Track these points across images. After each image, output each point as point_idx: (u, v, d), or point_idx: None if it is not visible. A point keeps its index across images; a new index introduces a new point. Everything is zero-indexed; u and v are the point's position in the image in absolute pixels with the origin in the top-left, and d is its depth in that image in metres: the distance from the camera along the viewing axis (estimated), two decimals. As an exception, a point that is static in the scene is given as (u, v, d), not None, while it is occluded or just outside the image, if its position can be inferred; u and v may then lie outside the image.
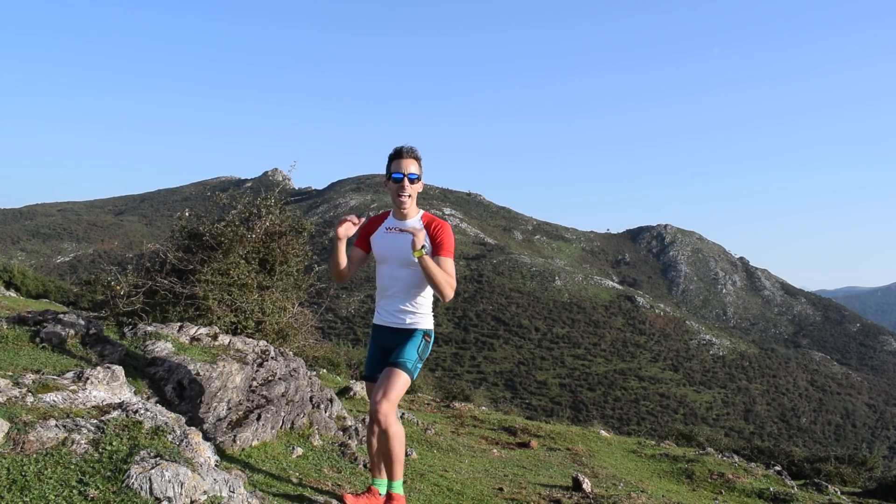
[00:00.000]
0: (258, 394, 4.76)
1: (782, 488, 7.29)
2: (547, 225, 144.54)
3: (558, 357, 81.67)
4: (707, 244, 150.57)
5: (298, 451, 4.58)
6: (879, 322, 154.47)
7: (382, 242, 3.54)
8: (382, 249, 3.54)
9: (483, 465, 6.31)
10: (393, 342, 3.51)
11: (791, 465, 12.72)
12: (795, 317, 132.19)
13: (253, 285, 8.15)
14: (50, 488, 2.25)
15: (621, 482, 6.43)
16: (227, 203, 8.94)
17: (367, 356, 3.67)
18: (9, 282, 18.46)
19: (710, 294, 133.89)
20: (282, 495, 3.67)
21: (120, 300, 7.71)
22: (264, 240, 8.48)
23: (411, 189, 3.50)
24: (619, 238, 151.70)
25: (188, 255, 7.99)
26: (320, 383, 6.12)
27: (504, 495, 5.02)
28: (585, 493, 5.47)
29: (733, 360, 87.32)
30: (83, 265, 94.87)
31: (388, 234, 3.53)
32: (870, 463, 13.35)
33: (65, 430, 2.56)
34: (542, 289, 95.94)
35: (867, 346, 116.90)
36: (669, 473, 7.71)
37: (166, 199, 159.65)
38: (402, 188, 3.46)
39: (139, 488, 2.38)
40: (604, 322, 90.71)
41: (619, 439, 10.59)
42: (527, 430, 9.03)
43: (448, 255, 3.45)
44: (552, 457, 7.61)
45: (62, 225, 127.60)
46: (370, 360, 3.65)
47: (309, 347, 9.83)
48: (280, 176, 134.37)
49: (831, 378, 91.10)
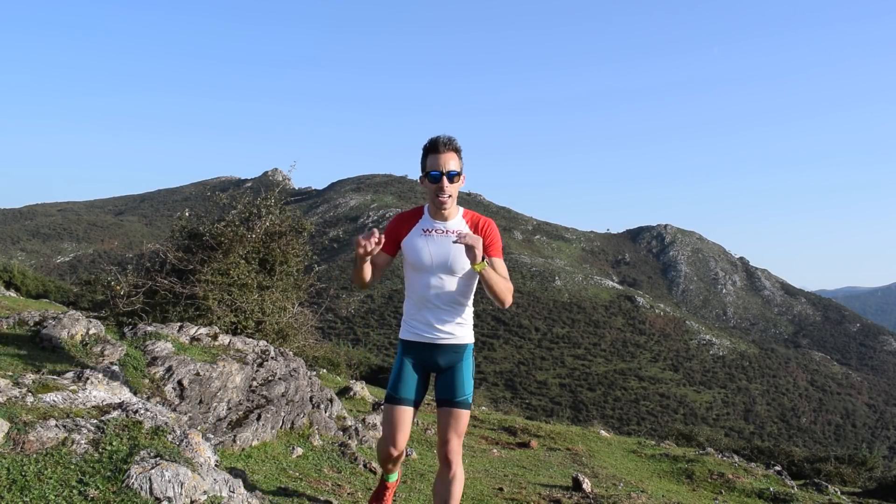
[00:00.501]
0: (258, 394, 4.76)
1: (782, 488, 7.29)
2: (547, 225, 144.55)
3: (558, 357, 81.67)
4: (707, 244, 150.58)
5: (298, 451, 4.58)
6: (879, 322, 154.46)
7: (421, 247, 3.07)
8: (421, 255, 3.06)
9: (483, 465, 6.32)
10: (442, 362, 3.09)
11: (791, 465, 12.72)
12: (795, 317, 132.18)
13: (253, 285, 8.16)
14: (50, 488, 2.25)
15: (621, 482, 6.43)
16: (227, 203, 8.96)
17: (399, 374, 3.11)
18: (9, 282, 18.47)
19: (710, 294, 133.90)
20: (282, 495, 3.67)
21: (120, 300, 7.72)
22: (264, 240, 8.49)
23: (451, 189, 3.04)
24: (619, 238, 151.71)
25: (188, 255, 8.00)
26: (320, 383, 6.13)
27: (504, 495, 5.02)
28: (585, 493, 5.47)
29: (733, 360, 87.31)
30: (83, 265, 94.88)
31: (426, 236, 3.08)
32: (870, 463, 13.36)
33: (65, 430, 2.56)
34: (542, 289, 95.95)
35: (867, 346, 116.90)
36: (669, 473, 7.71)
37: (166, 199, 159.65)
38: (442, 189, 3.01)
39: (139, 488, 2.38)
40: (604, 322, 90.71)
41: (619, 439, 10.59)
42: (527, 430, 9.03)
43: (500, 256, 3.09)
44: (552, 457, 7.61)
45: (62, 225, 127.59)
46: (404, 380, 3.09)
47: (309, 347, 9.83)
48: (280, 176, 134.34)
49: (831, 378, 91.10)
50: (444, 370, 3.09)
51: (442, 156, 2.99)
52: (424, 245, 3.06)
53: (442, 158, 2.99)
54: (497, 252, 3.07)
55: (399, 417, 3.06)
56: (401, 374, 3.11)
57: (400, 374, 3.11)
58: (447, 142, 3.02)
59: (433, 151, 3.01)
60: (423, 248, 3.05)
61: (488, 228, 3.11)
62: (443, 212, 3.07)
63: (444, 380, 3.08)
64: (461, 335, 3.10)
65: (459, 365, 3.09)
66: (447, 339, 3.07)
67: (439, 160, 2.99)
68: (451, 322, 3.07)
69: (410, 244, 3.10)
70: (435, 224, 3.10)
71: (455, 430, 3.01)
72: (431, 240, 3.06)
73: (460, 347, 3.10)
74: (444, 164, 2.98)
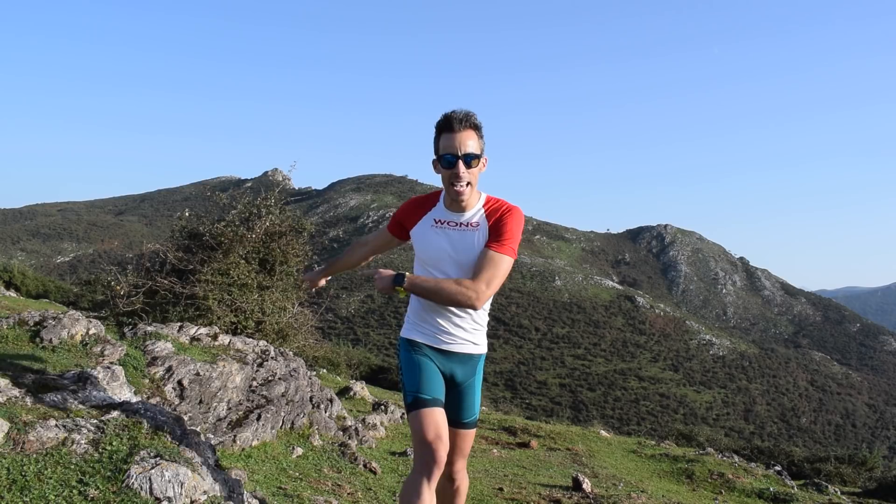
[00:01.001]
0: (258, 394, 4.76)
1: (782, 488, 7.29)
2: (547, 225, 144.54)
3: (558, 357, 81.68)
4: (707, 244, 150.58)
5: (298, 451, 4.58)
6: (879, 322, 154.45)
7: (432, 241, 2.63)
8: (432, 251, 2.63)
9: (483, 465, 6.31)
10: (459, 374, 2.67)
11: (791, 465, 12.73)
12: (795, 317, 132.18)
13: (253, 285, 8.16)
14: (50, 488, 2.25)
15: (621, 482, 6.43)
16: (227, 203, 8.96)
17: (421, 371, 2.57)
18: (9, 282, 18.48)
19: (710, 294, 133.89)
20: (282, 495, 3.67)
21: (120, 300, 7.72)
22: (264, 240, 8.49)
23: (469, 175, 2.53)
24: (619, 238, 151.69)
25: (188, 255, 8.00)
26: (320, 383, 6.13)
27: (504, 495, 5.02)
28: (585, 493, 5.47)
29: (733, 360, 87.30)
30: (83, 265, 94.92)
31: (439, 229, 2.63)
32: (870, 463, 13.36)
33: (65, 430, 2.56)
34: (542, 289, 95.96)
35: (867, 346, 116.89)
36: (669, 473, 7.71)
37: (166, 199, 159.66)
38: (457, 176, 2.51)
39: (139, 488, 2.38)
40: (604, 322, 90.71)
41: (619, 439, 10.59)
42: (527, 430, 9.03)
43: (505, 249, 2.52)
44: (552, 457, 7.61)
45: (62, 225, 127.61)
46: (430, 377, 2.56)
47: (309, 347, 9.84)
48: (280, 176, 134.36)
49: (831, 378, 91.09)
50: (456, 384, 2.67)
51: (458, 135, 2.51)
52: (436, 239, 2.62)
53: (458, 138, 2.50)
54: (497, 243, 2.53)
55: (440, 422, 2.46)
56: (423, 370, 2.56)
57: (422, 371, 2.56)
58: (463, 118, 2.53)
59: (447, 130, 2.53)
60: (434, 243, 2.63)
61: (501, 216, 2.60)
62: (460, 203, 2.60)
63: (453, 396, 2.66)
64: (478, 342, 2.70)
65: (472, 381, 2.70)
66: (463, 348, 2.65)
67: (454, 140, 2.50)
68: (466, 328, 2.65)
69: (421, 236, 2.67)
70: (450, 215, 2.64)
71: (461, 452, 2.71)
72: (445, 234, 2.62)
73: (477, 358, 2.71)
74: (460, 145, 2.50)
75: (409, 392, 2.53)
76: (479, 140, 2.56)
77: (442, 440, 2.41)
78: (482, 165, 2.59)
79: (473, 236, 2.59)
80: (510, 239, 2.55)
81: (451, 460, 2.65)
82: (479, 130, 2.57)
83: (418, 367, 2.57)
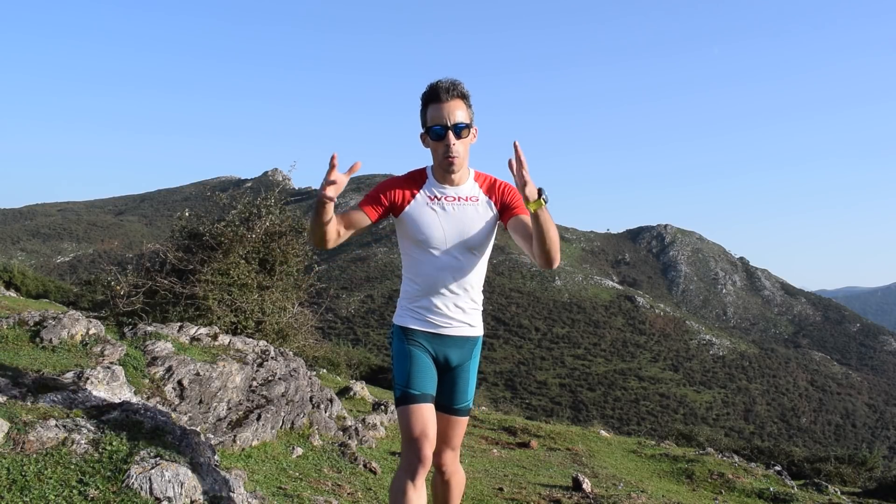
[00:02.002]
0: (258, 394, 4.76)
1: (782, 488, 7.29)
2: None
3: (558, 357, 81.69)
4: (707, 244, 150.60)
5: (298, 451, 4.58)
6: (879, 322, 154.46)
7: (430, 219, 2.48)
8: (432, 230, 2.48)
9: (483, 465, 6.32)
10: (454, 358, 2.57)
11: (791, 465, 12.73)
12: (795, 317, 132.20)
13: (253, 285, 8.17)
14: (50, 488, 2.25)
15: (621, 482, 6.43)
16: (227, 203, 8.97)
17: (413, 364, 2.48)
18: (9, 282, 18.49)
19: (710, 294, 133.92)
20: (282, 495, 3.67)
21: (120, 300, 7.73)
22: (264, 240, 8.50)
23: (460, 146, 2.44)
24: (619, 238, 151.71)
25: (188, 255, 8.01)
26: (320, 383, 6.13)
27: (504, 495, 5.02)
28: (585, 493, 5.47)
29: (733, 360, 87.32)
30: (83, 265, 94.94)
31: (436, 205, 2.50)
32: (870, 463, 13.38)
33: (65, 430, 2.56)
34: (542, 289, 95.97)
35: (867, 346, 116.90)
36: (669, 473, 7.71)
37: (166, 199, 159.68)
38: (448, 149, 2.42)
39: (139, 488, 2.38)
40: (604, 322, 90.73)
41: (619, 439, 10.59)
42: (527, 430, 9.03)
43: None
44: (552, 457, 7.61)
45: (62, 225, 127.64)
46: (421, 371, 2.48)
47: (309, 347, 9.85)
48: (280, 176, 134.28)
49: (831, 378, 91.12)
50: (450, 368, 2.57)
51: (445, 105, 2.41)
52: (435, 217, 2.48)
53: (445, 108, 2.40)
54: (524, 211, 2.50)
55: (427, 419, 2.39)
56: (414, 363, 2.48)
57: (413, 363, 2.47)
58: (450, 87, 2.42)
59: (434, 100, 2.43)
60: (433, 221, 2.48)
61: (504, 189, 2.56)
62: (451, 175, 2.49)
63: (447, 380, 2.57)
64: (475, 324, 2.60)
65: (468, 364, 2.60)
66: (461, 330, 2.55)
67: (442, 110, 2.40)
68: (464, 308, 2.54)
69: (416, 216, 2.50)
70: (443, 190, 2.52)
71: (451, 442, 2.58)
72: (442, 209, 2.49)
73: (473, 341, 2.60)
74: (448, 115, 2.40)
75: (398, 386, 2.48)
76: (468, 109, 2.48)
77: (428, 438, 2.36)
78: (472, 136, 2.51)
79: (474, 209, 2.52)
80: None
81: (439, 450, 2.54)
82: (468, 99, 2.48)
83: (409, 358, 2.49)
